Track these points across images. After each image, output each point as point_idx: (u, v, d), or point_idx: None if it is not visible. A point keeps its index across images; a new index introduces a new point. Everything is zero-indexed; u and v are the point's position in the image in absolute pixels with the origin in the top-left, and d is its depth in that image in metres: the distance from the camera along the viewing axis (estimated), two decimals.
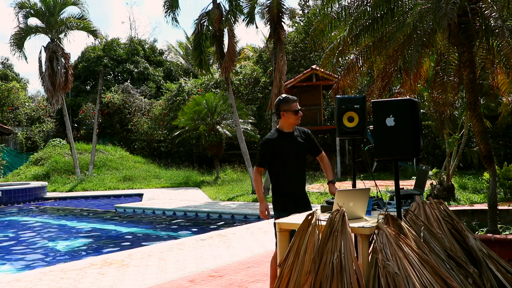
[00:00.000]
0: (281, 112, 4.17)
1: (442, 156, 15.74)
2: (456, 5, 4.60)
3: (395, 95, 6.36)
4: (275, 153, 4.17)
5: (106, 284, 5.20)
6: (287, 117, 4.17)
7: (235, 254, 6.57)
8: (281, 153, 4.18)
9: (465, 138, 10.24)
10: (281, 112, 4.17)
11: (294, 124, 4.23)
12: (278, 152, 4.17)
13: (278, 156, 4.18)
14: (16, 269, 7.10)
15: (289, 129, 4.23)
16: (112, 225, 11.16)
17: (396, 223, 3.44)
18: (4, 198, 15.26)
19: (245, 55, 32.86)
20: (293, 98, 4.21)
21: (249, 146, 19.14)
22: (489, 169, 5.29)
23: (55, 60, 20.38)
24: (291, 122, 4.20)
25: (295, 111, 4.16)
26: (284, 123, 4.22)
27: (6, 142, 24.65)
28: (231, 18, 14.85)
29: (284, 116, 4.18)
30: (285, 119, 4.19)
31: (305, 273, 3.24)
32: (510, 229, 5.02)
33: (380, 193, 4.30)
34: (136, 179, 20.44)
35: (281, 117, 4.21)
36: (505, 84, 6.64)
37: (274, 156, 4.18)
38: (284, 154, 4.18)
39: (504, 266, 3.65)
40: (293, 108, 4.15)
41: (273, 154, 4.18)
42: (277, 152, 4.17)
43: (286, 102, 4.16)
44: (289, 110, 4.15)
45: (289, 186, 4.21)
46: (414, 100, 3.61)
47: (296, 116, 4.17)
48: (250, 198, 13.64)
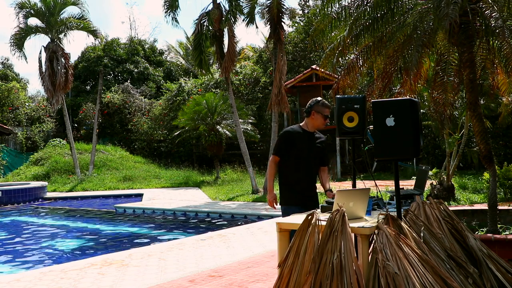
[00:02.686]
0: (313, 111, 4.33)
1: (442, 156, 15.74)
2: (457, 5, 4.60)
3: (395, 95, 6.36)
4: (294, 147, 4.29)
5: (106, 284, 5.20)
6: (316, 119, 4.34)
7: (235, 254, 6.57)
8: (300, 149, 4.31)
9: (465, 138, 10.23)
10: (313, 111, 4.33)
11: (319, 127, 4.40)
12: (298, 147, 4.30)
13: (296, 150, 4.31)
14: (16, 269, 7.10)
15: (312, 129, 4.39)
16: (112, 225, 11.16)
17: (396, 223, 3.44)
18: (4, 198, 15.26)
19: (245, 55, 32.86)
20: (328, 105, 4.41)
21: (249, 146, 19.15)
22: (489, 169, 5.29)
23: (55, 60, 20.38)
24: (318, 125, 4.37)
25: (326, 116, 4.36)
26: (311, 123, 4.38)
27: (6, 142, 24.65)
28: (231, 18, 14.86)
29: (314, 116, 4.34)
30: (313, 120, 4.36)
31: (305, 273, 3.24)
32: (510, 229, 5.02)
33: (380, 193, 4.30)
34: (136, 179, 20.44)
35: (310, 116, 4.36)
36: (505, 84, 6.64)
37: (292, 150, 4.29)
38: (303, 151, 4.32)
39: (504, 266, 3.65)
40: (325, 113, 4.35)
41: (291, 147, 4.30)
42: (296, 146, 4.30)
43: (322, 105, 4.35)
44: (321, 113, 4.32)
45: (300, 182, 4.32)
46: (414, 100, 3.60)
47: (324, 120, 4.37)
48: (250, 198, 13.64)
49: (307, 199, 4.36)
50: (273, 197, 4.39)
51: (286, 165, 4.36)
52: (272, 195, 4.39)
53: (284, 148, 4.32)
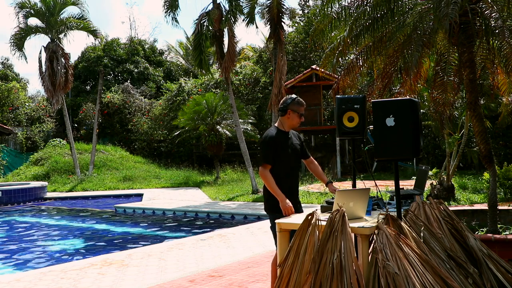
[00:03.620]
0: (289, 110, 4.23)
1: (442, 156, 15.73)
2: (457, 5, 4.60)
3: (395, 95, 6.36)
4: (277, 150, 4.21)
5: (106, 284, 5.20)
6: (292, 118, 4.24)
7: (235, 254, 6.57)
8: (282, 151, 4.22)
9: (465, 138, 10.23)
10: (289, 110, 4.23)
11: (294, 126, 4.30)
12: (280, 150, 4.21)
13: (280, 154, 4.21)
14: (16, 269, 7.10)
15: (288, 129, 4.30)
16: (112, 225, 11.16)
17: (396, 223, 3.44)
18: (4, 198, 15.26)
19: (245, 55, 32.88)
20: (303, 102, 4.32)
21: (249, 146, 19.14)
22: (489, 169, 5.29)
23: (55, 60, 20.37)
24: (293, 124, 4.27)
25: (301, 114, 4.26)
26: (287, 122, 4.27)
27: (6, 142, 24.65)
28: (231, 18, 14.85)
29: (290, 115, 4.24)
30: (289, 119, 4.26)
31: (305, 273, 3.24)
32: (510, 229, 5.02)
33: (380, 193, 4.30)
34: (136, 179, 20.44)
35: (285, 114, 4.26)
36: (505, 84, 6.63)
37: (276, 154, 4.21)
38: (285, 153, 4.22)
39: (504, 266, 3.65)
40: (301, 111, 4.25)
41: (276, 152, 4.22)
42: (279, 150, 4.21)
43: (297, 103, 4.25)
44: (297, 111, 4.23)
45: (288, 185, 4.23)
46: (414, 100, 3.61)
47: (299, 119, 4.26)
48: (250, 198, 13.64)
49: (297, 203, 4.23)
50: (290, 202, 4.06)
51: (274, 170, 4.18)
52: (286, 202, 4.04)
53: (272, 155, 4.17)
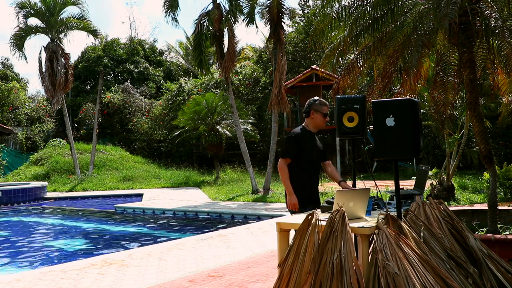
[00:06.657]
0: (312, 111, 4.34)
1: (442, 156, 15.73)
2: (457, 5, 4.60)
3: (395, 95, 6.36)
4: (304, 149, 4.28)
5: (106, 284, 5.20)
6: (316, 118, 4.35)
7: (235, 254, 6.57)
8: (309, 151, 4.31)
9: (465, 138, 10.23)
10: (312, 111, 4.34)
11: (320, 126, 4.40)
12: (307, 148, 4.30)
13: (306, 153, 4.29)
14: (16, 269, 7.10)
15: (313, 130, 4.40)
16: (112, 225, 11.16)
17: (396, 223, 3.44)
18: (4, 198, 15.25)
19: (245, 55, 32.86)
20: (325, 102, 4.41)
21: (249, 146, 19.14)
22: (489, 169, 5.29)
23: (55, 60, 20.37)
24: (318, 124, 4.37)
25: (325, 114, 4.36)
26: (312, 123, 4.38)
27: (6, 142, 24.65)
28: (231, 18, 14.86)
29: (313, 116, 4.35)
30: (313, 120, 4.36)
31: (305, 273, 3.24)
32: (510, 229, 5.02)
33: (380, 193, 4.30)
34: (136, 179, 20.44)
35: (309, 116, 4.37)
36: (505, 84, 6.63)
37: (301, 152, 4.27)
38: (311, 152, 4.32)
39: (504, 266, 3.65)
40: (324, 111, 4.35)
41: (301, 150, 4.29)
42: (306, 148, 4.29)
43: (319, 103, 4.35)
44: (320, 111, 4.33)
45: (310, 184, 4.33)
46: (414, 100, 3.61)
47: (324, 118, 4.36)
48: (250, 198, 13.63)
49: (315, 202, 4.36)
50: (296, 199, 4.24)
51: (295, 168, 4.29)
52: (294, 197, 4.23)
53: (296, 150, 4.28)
